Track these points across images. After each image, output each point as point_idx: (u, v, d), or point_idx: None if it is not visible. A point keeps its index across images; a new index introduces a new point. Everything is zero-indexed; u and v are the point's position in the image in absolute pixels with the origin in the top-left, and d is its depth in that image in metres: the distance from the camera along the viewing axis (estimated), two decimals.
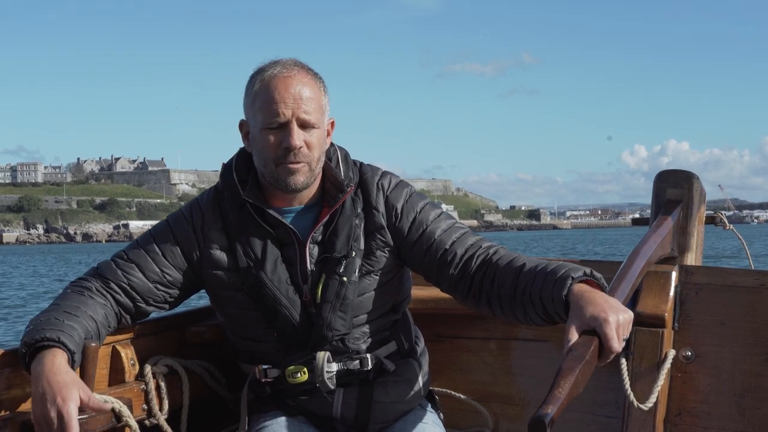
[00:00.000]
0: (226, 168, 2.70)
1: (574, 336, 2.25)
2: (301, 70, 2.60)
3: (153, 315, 2.76)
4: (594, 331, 2.25)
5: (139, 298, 2.64)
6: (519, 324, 3.17)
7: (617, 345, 2.26)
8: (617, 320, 2.26)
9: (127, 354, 2.70)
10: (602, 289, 2.41)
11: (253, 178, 2.66)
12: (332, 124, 2.69)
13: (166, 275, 2.66)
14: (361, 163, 2.76)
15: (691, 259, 3.07)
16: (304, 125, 2.56)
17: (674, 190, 3.10)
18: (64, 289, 2.62)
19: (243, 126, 2.66)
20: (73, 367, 2.38)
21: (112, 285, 2.62)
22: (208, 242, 2.66)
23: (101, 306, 2.57)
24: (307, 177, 2.59)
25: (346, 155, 2.73)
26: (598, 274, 2.44)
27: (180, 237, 2.68)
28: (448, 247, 2.65)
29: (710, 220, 3.25)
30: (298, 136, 2.54)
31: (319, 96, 2.61)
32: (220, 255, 2.65)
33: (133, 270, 2.64)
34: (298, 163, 2.55)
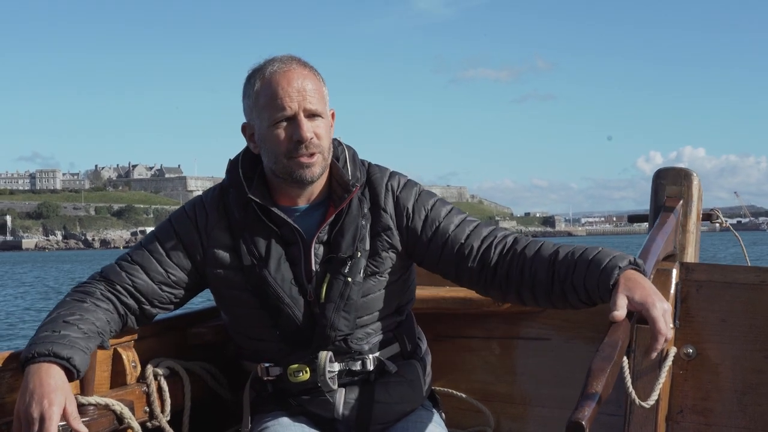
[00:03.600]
0: (233, 165, 2.70)
1: (622, 305, 2.34)
2: (299, 64, 2.61)
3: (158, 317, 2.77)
4: (634, 315, 2.35)
5: (144, 300, 2.64)
6: (522, 322, 3.20)
7: (667, 329, 2.34)
8: (663, 307, 2.35)
9: (129, 356, 2.70)
10: (645, 275, 2.46)
11: (259, 175, 2.66)
12: (332, 115, 2.69)
13: (171, 275, 2.67)
14: (369, 163, 2.76)
15: (691, 256, 3.07)
16: (311, 115, 2.57)
17: (673, 187, 3.09)
18: (65, 297, 2.62)
19: (246, 129, 2.67)
20: (78, 372, 2.38)
21: (117, 287, 2.62)
22: (212, 241, 2.66)
23: (103, 311, 2.56)
24: (321, 167, 2.60)
25: (354, 154, 2.73)
26: (640, 261, 2.50)
27: (183, 236, 2.68)
28: (464, 241, 2.66)
29: (707, 218, 3.24)
30: (308, 128, 2.55)
31: (320, 86, 2.62)
32: (224, 254, 2.65)
33: (137, 272, 2.65)
34: (311, 155, 2.56)
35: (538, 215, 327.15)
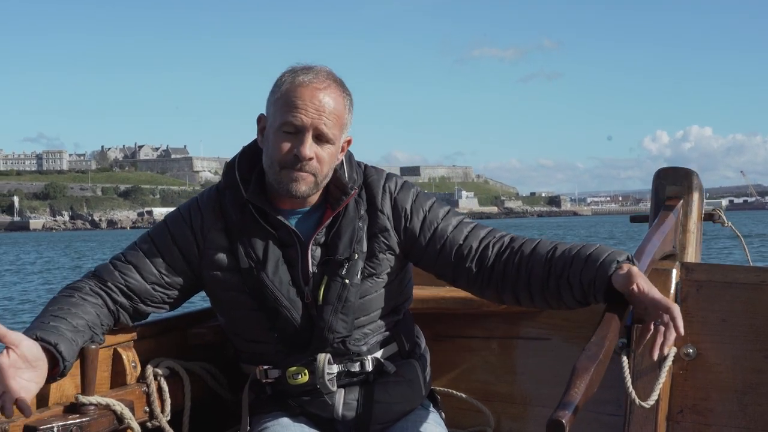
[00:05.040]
0: (229, 167, 2.69)
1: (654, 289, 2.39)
2: (332, 84, 2.59)
3: (154, 316, 2.76)
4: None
5: (136, 298, 2.65)
6: (522, 322, 3.19)
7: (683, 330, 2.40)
8: (678, 309, 2.40)
9: (129, 356, 2.71)
10: None
11: (256, 177, 2.65)
12: (348, 142, 2.68)
13: (164, 277, 2.67)
14: (366, 165, 2.76)
15: (691, 255, 3.07)
16: (320, 138, 2.55)
17: (674, 187, 3.09)
18: (55, 295, 2.61)
19: (261, 120, 2.66)
20: (63, 365, 2.36)
21: (109, 284, 2.62)
22: (209, 243, 2.66)
23: (92, 305, 2.56)
24: (309, 187, 2.58)
25: (350, 157, 2.72)
26: (634, 259, 2.52)
27: (178, 238, 2.68)
28: (462, 242, 2.66)
29: (708, 217, 3.23)
30: (311, 148, 2.53)
31: (343, 113, 2.59)
32: (221, 256, 2.65)
33: (130, 271, 2.65)
34: (303, 172, 2.55)
35: (543, 195, 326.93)
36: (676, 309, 2.39)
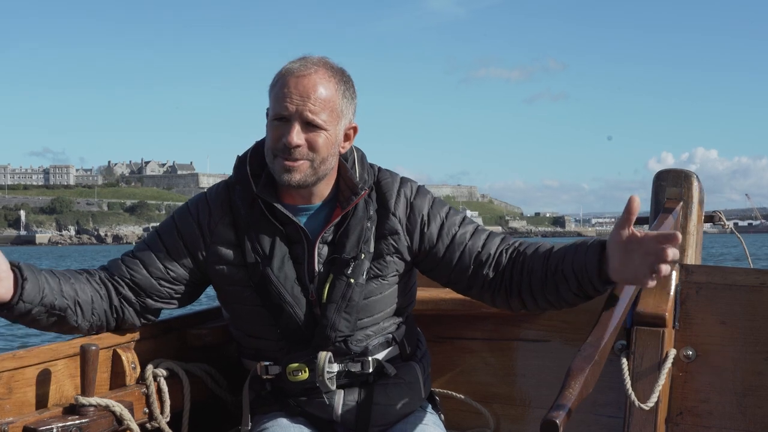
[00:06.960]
0: (240, 162, 2.70)
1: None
2: (321, 69, 2.58)
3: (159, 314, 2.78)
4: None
5: (142, 293, 2.66)
6: (522, 324, 3.19)
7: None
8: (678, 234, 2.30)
9: (128, 357, 2.71)
10: None
11: (266, 173, 2.65)
12: (354, 129, 2.67)
13: (170, 271, 2.68)
14: (380, 168, 2.76)
15: (691, 257, 3.06)
16: (309, 124, 2.55)
17: (673, 188, 3.08)
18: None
19: (268, 113, 2.67)
20: (21, 279, 2.40)
21: (116, 278, 2.65)
22: (216, 237, 2.67)
23: (93, 290, 2.60)
24: (305, 175, 2.57)
25: (362, 157, 2.73)
26: None
27: (184, 233, 2.69)
28: (481, 249, 2.68)
29: (709, 219, 3.23)
30: (298, 135, 2.53)
31: (335, 98, 2.58)
32: (228, 250, 2.66)
33: (137, 266, 2.67)
34: (294, 161, 2.55)
35: (548, 215, 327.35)
36: (677, 233, 2.27)
